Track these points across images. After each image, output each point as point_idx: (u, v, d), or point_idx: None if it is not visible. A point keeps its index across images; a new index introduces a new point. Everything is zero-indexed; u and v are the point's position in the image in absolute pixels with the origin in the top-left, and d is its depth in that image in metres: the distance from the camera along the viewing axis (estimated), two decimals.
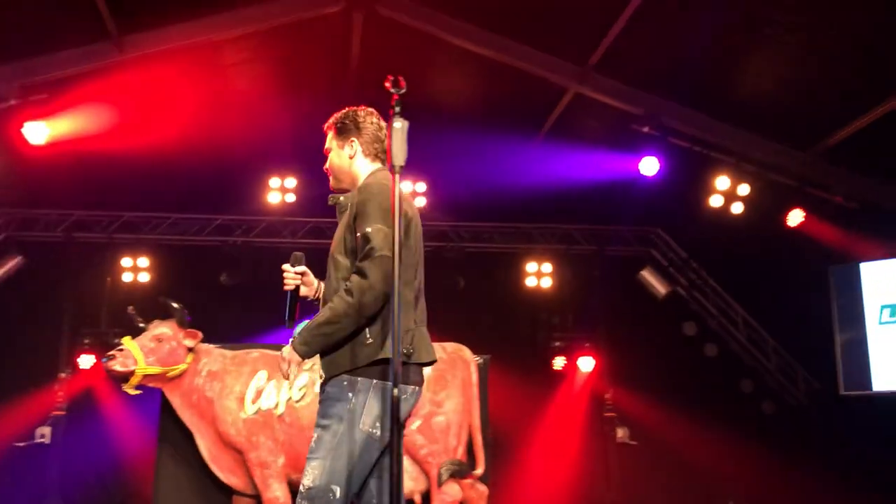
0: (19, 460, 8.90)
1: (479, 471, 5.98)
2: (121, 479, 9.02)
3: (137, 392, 5.54)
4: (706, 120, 8.54)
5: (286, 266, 3.27)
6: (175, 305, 5.70)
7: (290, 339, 3.08)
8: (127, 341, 5.58)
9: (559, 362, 9.81)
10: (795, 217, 8.77)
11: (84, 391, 9.16)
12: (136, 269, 9.49)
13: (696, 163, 8.68)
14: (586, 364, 9.74)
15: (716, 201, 8.82)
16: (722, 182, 8.75)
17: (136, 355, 5.47)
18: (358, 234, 3.02)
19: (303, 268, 3.29)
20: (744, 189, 8.71)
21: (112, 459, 9.08)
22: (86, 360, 8.94)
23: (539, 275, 10.15)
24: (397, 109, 2.92)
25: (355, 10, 7.45)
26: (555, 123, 8.81)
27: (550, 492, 9.25)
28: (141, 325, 5.79)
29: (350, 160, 3.31)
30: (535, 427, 9.49)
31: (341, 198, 3.28)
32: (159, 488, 6.05)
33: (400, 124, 2.90)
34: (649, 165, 8.43)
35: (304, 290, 3.30)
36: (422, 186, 9.80)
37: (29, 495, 8.91)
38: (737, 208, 8.81)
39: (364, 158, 3.31)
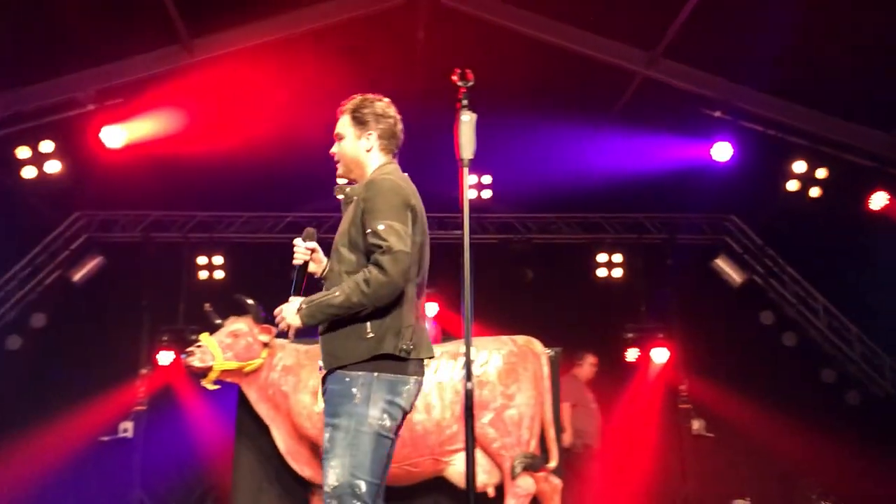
0: (104, 454, 9.21)
1: (553, 464, 5.93)
2: (200, 471, 9.26)
3: (216, 387, 5.64)
4: (780, 102, 8.30)
5: (297, 241, 3.26)
6: (250, 302, 5.79)
7: (297, 305, 3.05)
8: (205, 338, 5.69)
9: (632, 354, 9.67)
10: (879, 199, 8.45)
11: (164, 387, 9.42)
12: (210, 267, 9.71)
13: (770, 147, 8.44)
14: (660, 355, 9.57)
15: (792, 186, 8.56)
16: (798, 166, 8.49)
17: (214, 351, 5.58)
18: (368, 231, 2.98)
19: (314, 244, 3.26)
20: (821, 172, 8.44)
21: (192, 452, 9.33)
22: (165, 357, 9.18)
23: (609, 265, 10.01)
24: (465, 102, 2.91)
25: (420, 1, 7.46)
26: (623, 110, 8.67)
27: (625, 485, 9.13)
28: (217, 321, 5.90)
29: (366, 153, 3.23)
30: (607, 420, 9.38)
31: (347, 189, 3.25)
32: (238, 480, 6.17)
33: (468, 117, 2.89)
34: (722, 150, 8.24)
35: (312, 267, 3.28)
36: (487, 178, 9.78)
37: (114, 488, 9.22)
38: (814, 192, 8.53)
39: (378, 152, 3.24)
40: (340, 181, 3.33)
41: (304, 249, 3.24)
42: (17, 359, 9.19)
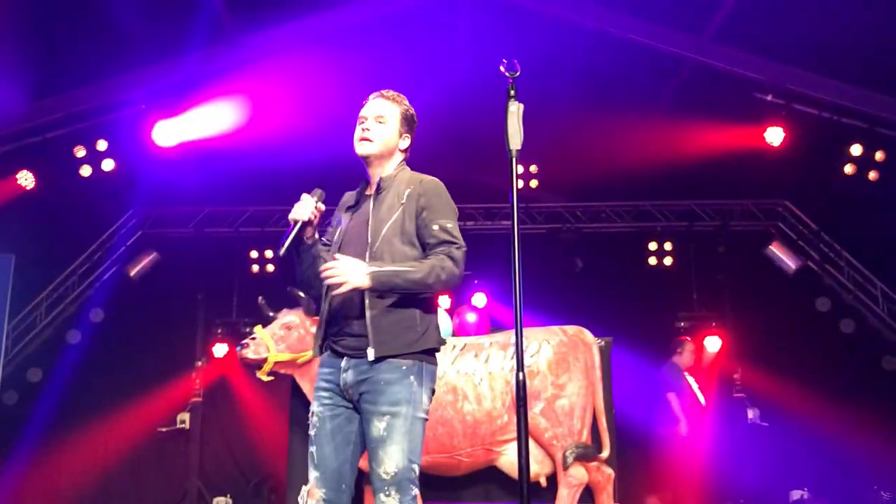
0: (163, 444, 9.43)
1: (605, 454, 5.91)
2: (255, 461, 9.42)
3: (270, 378, 5.74)
4: (834, 84, 8.10)
5: (307, 196, 3.21)
6: (302, 294, 5.86)
7: (368, 266, 2.96)
8: (258, 330, 5.79)
9: None
10: None
11: (219, 379, 9.60)
12: (262, 261, 9.84)
13: (824, 130, 8.26)
14: (713, 344, 9.45)
15: (848, 169, 8.35)
16: (854, 149, 8.27)
17: (268, 343, 5.67)
18: (436, 227, 3.06)
19: (322, 206, 3.22)
20: (879, 155, 8.21)
21: (247, 443, 9.50)
22: (220, 349, 9.35)
23: (660, 253, 9.89)
24: (512, 93, 2.90)
25: None
26: (672, 96, 8.55)
27: (679, 475, 9.03)
28: (270, 314, 5.99)
29: (398, 152, 3.28)
30: (660, 409, 9.29)
31: (384, 177, 3.23)
32: (292, 470, 6.26)
33: (515, 108, 2.88)
34: (774, 135, 8.07)
35: (308, 232, 3.21)
36: (534, 168, 9.74)
37: (171, 477, 9.44)
38: (871, 175, 8.31)
39: (401, 155, 3.30)
40: (393, 168, 3.27)
41: (312, 207, 3.19)
42: (78, 353, 9.44)
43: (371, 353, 2.99)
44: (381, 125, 3.23)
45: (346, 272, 2.93)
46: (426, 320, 3.09)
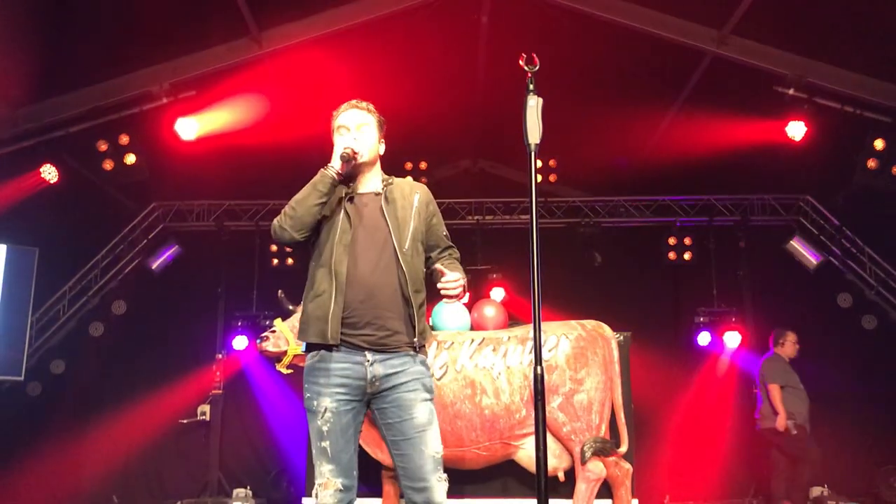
0: (184, 436, 9.52)
1: (623, 449, 5.92)
2: (275, 453, 9.50)
3: (289, 371, 5.78)
4: (857, 78, 8.00)
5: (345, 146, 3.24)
6: None
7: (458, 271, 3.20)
8: (278, 323, 5.83)
9: (704, 338, 9.51)
10: None
11: (239, 371, 9.68)
12: (282, 254, 9.89)
13: (847, 124, 8.15)
14: (732, 339, 9.40)
15: (870, 164, 8.25)
16: (877, 143, 8.17)
17: (287, 336, 5.71)
18: (444, 233, 3.41)
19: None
20: None
21: (266, 434, 9.58)
22: (240, 342, 9.42)
23: (680, 248, 9.84)
24: (531, 87, 2.91)
25: None
26: (693, 90, 8.49)
27: (698, 471, 9.02)
28: (290, 307, 6.04)
29: (377, 157, 3.42)
30: (680, 405, 9.26)
31: (392, 182, 3.39)
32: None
33: (534, 102, 2.89)
34: (796, 129, 8.00)
35: (343, 169, 3.24)
36: (553, 162, 9.72)
37: (192, 468, 9.53)
38: (895, 170, 8.20)
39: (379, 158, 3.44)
40: (378, 174, 3.41)
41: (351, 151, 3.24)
42: (100, 345, 9.55)
43: (415, 347, 3.18)
44: (366, 132, 3.35)
45: (462, 284, 3.18)
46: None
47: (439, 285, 3.14)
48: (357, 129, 3.33)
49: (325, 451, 3.14)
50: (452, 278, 3.13)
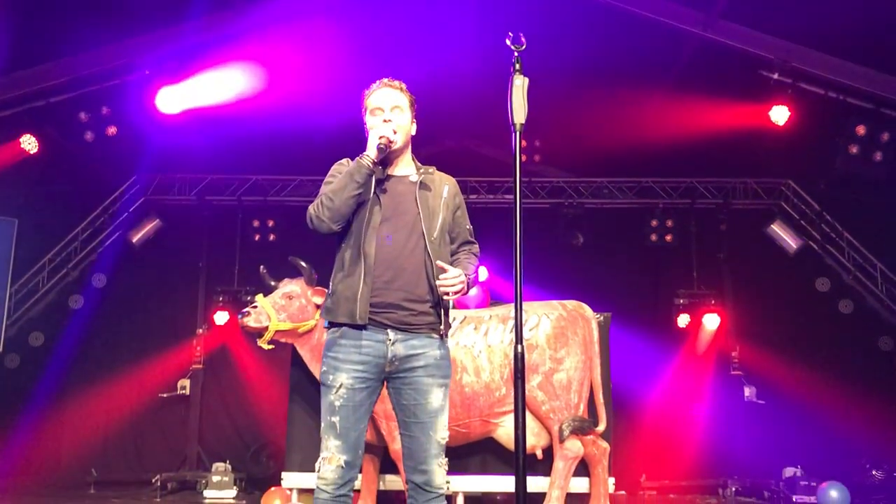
0: (163, 410, 9.52)
1: (601, 428, 5.97)
2: (255, 428, 9.50)
3: (271, 347, 5.78)
4: (841, 64, 8.03)
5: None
6: (303, 265, 5.89)
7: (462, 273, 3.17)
8: (260, 299, 5.82)
9: (683, 320, 9.59)
10: None
11: (220, 346, 9.66)
12: (264, 230, 9.84)
13: (829, 110, 8.20)
14: (711, 321, 9.49)
15: (852, 150, 8.31)
16: (860, 129, 8.23)
17: (269, 312, 5.71)
18: (468, 227, 3.44)
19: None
20: (885, 136, 8.17)
21: (247, 410, 9.59)
22: (221, 317, 9.40)
23: (662, 230, 9.88)
24: (517, 66, 2.90)
25: None
26: (678, 73, 8.50)
27: (675, 451, 9.13)
28: (272, 283, 6.03)
29: (410, 139, 3.38)
30: (658, 385, 9.35)
31: (431, 171, 3.38)
32: (291, 437, 6.32)
33: (521, 81, 2.88)
34: (779, 114, 8.04)
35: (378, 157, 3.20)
36: (537, 142, 9.71)
37: (172, 442, 9.54)
38: (876, 157, 8.28)
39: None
40: (409, 155, 3.39)
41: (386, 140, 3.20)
42: (80, 318, 9.50)
43: (441, 332, 3.23)
44: (400, 114, 3.31)
45: (462, 281, 3.15)
46: None
47: (438, 282, 3.12)
48: (391, 111, 3.28)
49: (335, 427, 3.12)
50: (452, 275, 3.11)
